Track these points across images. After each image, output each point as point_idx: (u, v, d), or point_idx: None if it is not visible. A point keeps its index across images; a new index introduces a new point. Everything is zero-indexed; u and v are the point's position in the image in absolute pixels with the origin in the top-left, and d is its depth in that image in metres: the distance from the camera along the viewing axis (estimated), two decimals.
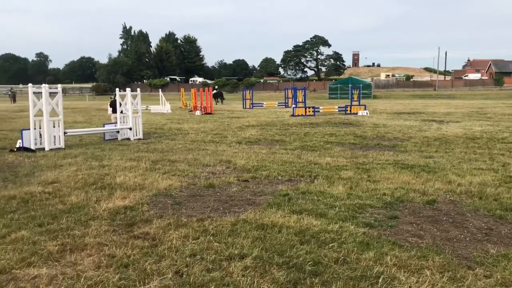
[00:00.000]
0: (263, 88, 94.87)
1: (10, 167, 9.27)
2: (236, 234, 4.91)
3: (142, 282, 3.76)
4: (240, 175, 8.21)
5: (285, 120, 21.74)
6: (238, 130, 16.88)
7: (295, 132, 15.69)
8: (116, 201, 6.33)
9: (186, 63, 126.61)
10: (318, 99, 58.34)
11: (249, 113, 28.41)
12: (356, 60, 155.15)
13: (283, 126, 18.39)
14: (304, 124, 18.90)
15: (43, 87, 12.24)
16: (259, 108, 35.25)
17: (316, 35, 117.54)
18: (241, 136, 14.57)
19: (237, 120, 21.83)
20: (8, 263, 4.17)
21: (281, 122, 20.18)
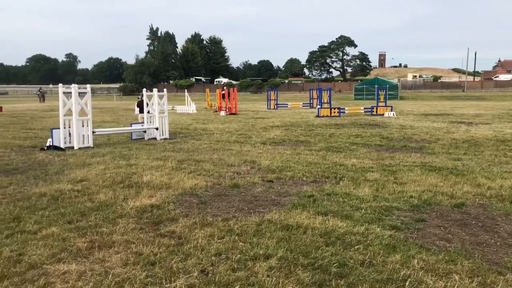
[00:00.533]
0: (287, 88, 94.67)
1: (40, 165, 9.51)
2: (261, 234, 4.92)
3: (168, 280, 3.81)
4: (265, 175, 8.22)
5: (310, 121, 21.65)
6: (262, 130, 16.90)
7: (320, 133, 15.61)
8: (143, 199, 6.42)
9: (211, 64, 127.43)
10: (344, 100, 57.84)
11: (274, 113, 28.40)
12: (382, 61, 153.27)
13: (308, 127, 18.32)
14: (329, 125, 18.78)
15: (72, 87, 12.52)
16: (283, 109, 35.19)
17: (342, 36, 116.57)
18: (266, 137, 14.58)
19: (262, 121, 21.85)
20: (39, 259, 4.29)
21: (305, 123, 20.11)
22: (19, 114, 28.56)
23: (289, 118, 23.79)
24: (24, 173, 8.64)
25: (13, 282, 3.80)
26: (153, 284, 3.74)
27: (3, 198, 6.62)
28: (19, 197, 6.68)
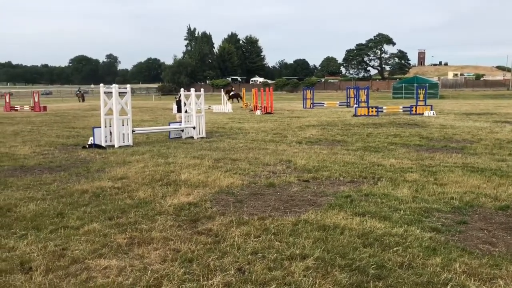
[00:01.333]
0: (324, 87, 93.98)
1: (82, 163, 9.82)
2: (297, 234, 4.90)
3: (205, 277, 3.85)
4: (301, 175, 8.18)
5: (346, 120, 21.39)
6: (298, 129, 16.83)
7: (357, 133, 15.40)
8: (181, 197, 6.52)
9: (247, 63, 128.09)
10: (382, 98, 56.83)
11: (310, 112, 28.23)
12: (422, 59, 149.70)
13: (344, 126, 18.11)
14: (367, 125, 18.49)
15: (113, 87, 12.86)
16: (319, 108, 34.92)
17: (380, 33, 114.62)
18: (302, 136, 14.51)
19: (298, 120, 21.76)
20: (81, 254, 4.42)
21: (342, 122, 19.88)
22: (62, 114, 29.60)
23: (325, 117, 23.59)
24: (67, 170, 8.95)
25: (57, 275, 3.94)
26: (191, 281, 3.79)
27: (47, 194, 6.87)
28: (62, 193, 6.92)
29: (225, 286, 3.71)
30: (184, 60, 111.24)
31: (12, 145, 12.87)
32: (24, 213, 5.82)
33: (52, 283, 3.78)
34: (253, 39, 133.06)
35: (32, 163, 9.76)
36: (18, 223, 5.41)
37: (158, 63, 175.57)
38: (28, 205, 6.15)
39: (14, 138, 14.86)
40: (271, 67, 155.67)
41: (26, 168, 9.22)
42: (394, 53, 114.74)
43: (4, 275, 3.95)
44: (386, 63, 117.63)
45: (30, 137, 14.98)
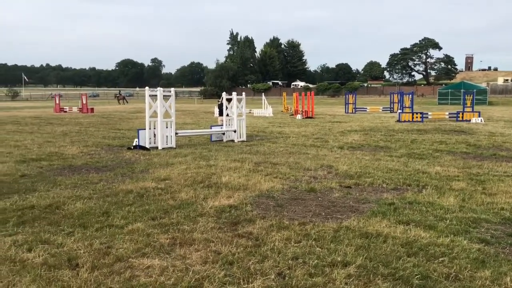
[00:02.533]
0: (366, 92, 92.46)
1: (127, 164, 10.09)
2: (339, 241, 4.83)
3: (246, 280, 3.85)
4: (342, 181, 8.07)
5: (390, 125, 20.95)
6: (340, 135, 16.62)
7: (401, 139, 15.04)
8: (222, 199, 6.58)
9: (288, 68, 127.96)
10: (427, 104, 55.29)
11: (352, 117, 27.84)
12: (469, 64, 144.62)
13: (388, 132, 17.74)
14: (411, 131, 18.04)
15: (158, 90, 13.15)
16: (362, 113, 34.38)
17: (425, 38, 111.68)
18: (343, 141, 14.33)
19: (339, 125, 21.50)
20: (125, 252, 4.53)
21: (385, 128, 19.48)
22: (108, 115, 30.55)
23: (368, 122, 23.19)
24: (112, 170, 9.21)
25: (102, 273, 4.05)
26: (231, 284, 3.80)
27: (94, 193, 7.10)
28: (108, 193, 7.13)
29: None
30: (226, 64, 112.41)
31: (61, 145, 13.40)
32: (72, 211, 6.04)
33: (97, 280, 3.89)
34: (295, 43, 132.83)
35: (79, 163, 10.12)
36: (66, 221, 5.61)
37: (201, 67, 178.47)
38: (75, 204, 6.38)
39: (63, 138, 15.47)
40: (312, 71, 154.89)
41: (74, 168, 9.57)
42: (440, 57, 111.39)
43: (53, 270, 4.10)
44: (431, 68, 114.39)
45: (78, 138, 15.55)
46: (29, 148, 12.60)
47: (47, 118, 26.75)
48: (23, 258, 4.39)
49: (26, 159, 10.50)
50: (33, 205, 6.30)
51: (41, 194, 7.01)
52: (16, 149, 12.48)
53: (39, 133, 17.48)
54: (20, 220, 5.62)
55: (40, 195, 6.90)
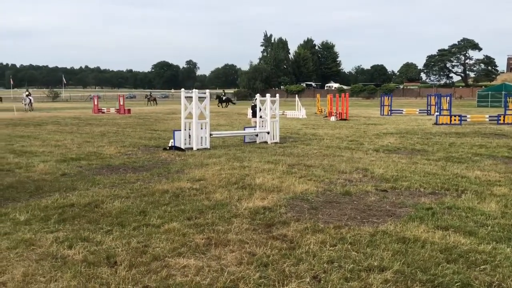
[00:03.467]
0: (402, 94, 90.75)
1: (163, 164, 10.26)
2: (375, 245, 4.75)
3: (281, 283, 3.84)
4: (378, 184, 7.94)
5: (427, 128, 20.46)
6: (375, 137, 16.36)
7: (438, 142, 14.66)
8: (256, 201, 6.59)
9: (322, 69, 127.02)
10: (465, 107, 53.71)
11: (387, 120, 27.35)
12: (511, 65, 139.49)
13: (425, 134, 17.33)
14: (449, 134, 17.56)
15: (193, 92, 13.32)
16: (398, 115, 33.72)
17: (464, 38, 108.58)
18: (379, 144, 14.09)
19: (374, 127, 21.17)
20: (162, 251, 4.61)
21: (422, 131, 19.04)
22: (144, 116, 31.15)
23: (404, 125, 22.73)
24: (149, 170, 9.39)
25: (140, 271, 4.13)
26: (266, 286, 3.80)
27: (131, 192, 7.25)
28: (144, 192, 7.27)
29: None
30: (259, 66, 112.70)
31: (100, 145, 13.76)
32: (110, 209, 6.19)
33: (135, 278, 3.97)
34: (329, 45, 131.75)
35: (117, 163, 10.36)
36: (105, 219, 5.76)
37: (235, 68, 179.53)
38: (113, 202, 6.53)
39: (101, 138, 15.88)
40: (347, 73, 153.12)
41: (112, 167, 9.81)
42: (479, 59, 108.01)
43: (92, 267, 4.21)
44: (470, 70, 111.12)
45: (115, 138, 15.93)
46: (69, 148, 13.00)
47: (86, 119, 27.53)
48: (64, 254, 4.53)
49: (66, 159, 10.84)
50: (73, 203, 6.50)
51: (80, 192, 7.22)
52: (57, 148, 12.90)
53: (78, 133, 18.01)
54: (61, 218, 5.81)
55: (79, 194, 7.11)
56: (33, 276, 4.02)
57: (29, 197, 6.99)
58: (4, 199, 6.87)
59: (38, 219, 5.74)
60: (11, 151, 12.22)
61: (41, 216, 5.86)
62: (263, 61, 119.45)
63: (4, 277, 3.99)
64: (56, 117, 29.51)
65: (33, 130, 19.12)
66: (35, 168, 9.46)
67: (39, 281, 3.91)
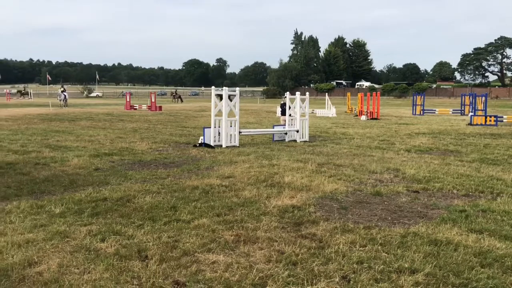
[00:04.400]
0: (435, 93, 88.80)
1: (193, 160, 10.37)
2: (406, 247, 4.67)
3: (310, 282, 3.83)
4: (410, 185, 7.80)
5: (460, 129, 19.96)
6: (407, 137, 16.07)
7: (472, 143, 14.28)
8: (285, 199, 6.58)
9: (353, 67, 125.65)
10: (501, 107, 52.09)
11: (419, 119, 26.82)
12: None
13: (458, 135, 16.91)
14: (484, 135, 17.07)
15: (224, 90, 13.39)
16: (430, 115, 33.02)
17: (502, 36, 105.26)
18: (410, 144, 13.84)
19: (406, 127, 20.80)
20: (192, 247, 4.66)
21: (456, 131, 18.59)
22: (175, 113, 31.55)
23: (437, 125, 22.24)
24: (179, 166, 9.51)
25: (170, 265, 4.19)
26: (295, 284, 3.79)
27: (162, 188, 7.36)
28: (175, 188, 7.36)
29: None
30: (289, 64, 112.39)
31: (132, 141, 14.02)
32: (142, 204, 6.30)
33: (165, 272, 4.03)
34: (360, 43, 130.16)
35: (148, 158, 10.54)
36: (136, 213, 5.87)
37: (264, 67, 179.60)
38: (145, 197, 6.65)
39: (133, 134, 16.18)
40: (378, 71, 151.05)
41: (143, 163, 9.98)
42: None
43: (124, 260, 4.30)
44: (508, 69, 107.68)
45: (147, 134, 16.20)
46: (102, 143, 13.30)
47: (118, 115, 28.10)
48: (96, 247, 4.64)
49: (99, 154, 11.09)
50: (105, 198, 6.65)
51: (113, 187, 7.38)
52: (90, 143, 13.22)
53: (111, 129, 18.40)
54: (94, 211, 5.95)
55: (112, 188, 7.27)
56: (68, 267, 4.14)
57: (64, 191, 7.20)
58: (40, 192, 7.10)
59: (72, 212, 5.90)
60: (47, 146, 12.59)
61: (75, 209, 6.02)
62: (293, 59, 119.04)
63: (41, 267, 4.13)
64: (90, 113, 30.23)
65: (68, 126, 19.66)
66: (69, 163, 9.73)
67: (73, 272, 4.02)
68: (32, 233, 5.06)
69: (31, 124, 20.04)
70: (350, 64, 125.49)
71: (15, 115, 26.32)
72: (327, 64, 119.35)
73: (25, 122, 21.43)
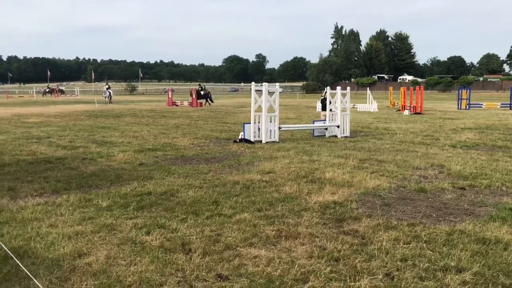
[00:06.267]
0: (482, 87, 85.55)
1: (234, 156, 10.47)
2: (452, 245, 4.55)
3: (352, 278, 3.80)
4: (456, 181, 7.57)
5: (509, 123, 19.13)
6: (452, 132, 15.57)
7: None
8: (326, 195, 6.54)
9: (395, 61, 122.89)
10: None
11: (465, 114, 25.92)
12: None
13: (507, 130, 16.22)
14: None
15: (263, 86, 13.42)
16: (477, 109, 31.84)
17: None
18: (456, 139, 13.41)
19: (451, 122, 20.15)
20: (234, 241, 4.72)
21: (504, 126, 17.84)
22: (215, 109, 31.89)
23: (484, 119, 21.42)
24: (220, 162, 9.63)
25: (213, 259, 4.26)
26: (338, 280, 3.77)
27: (204, 183, 7.48)
28: (216, 183, 7.46)
29: None
30: (329, 59, 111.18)
31: (174, 136, 14.30)
32: (184, 198, 6.43)
33: (208, 266, 4.10)
34: (403, 36, 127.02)
35: (190, 154, 10.72)
36: (180, 207, 5.99)
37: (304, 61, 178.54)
38: (188, 192, 6.78)
39: (175, 130, 16.49)
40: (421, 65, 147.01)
41: (185, 158, 10.17)
42: None
43: (169, 253, 4.41)
44: None
45: (188, 130, 16.47)
46: (145, 139, 13.64)
47: (161, 111, 28.69)
48: (142, 240, 4.78)
49: (144, 149, 11.38)
50: (150, 192, 6.82)
51: (157, 181, 7.57)
52: (135, 139, 13.58)
53: (154, 125, 18.83)
54: (139, 205, 6.12)
55: (156, 183, 7.45)
56: (115, 259, 4.28)
57: (110, 185, 7.44)
58: (88, 186, 7.37)
59: (118, 206, 6.10)
60: (93, 141, 13.04)
61: (121, 203, 6.22)
62: (333, 53, 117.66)
63: (90, 258, 4.29)
64: (134, 109, 31.03)
65: (113, 122, 20.27)
66: (115, 158, 10.04)
67: (120, 264, 4.16)
68: (81, 225, 5.27)
69: (78, 121, 20.80)
70: (392, 58, 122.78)
71: (63, 112, 27.39)
72: (368, 58, 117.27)
73: (72, 118, 22.26)
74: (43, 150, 11.37)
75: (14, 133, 15.39)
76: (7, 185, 7.33)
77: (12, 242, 4.70)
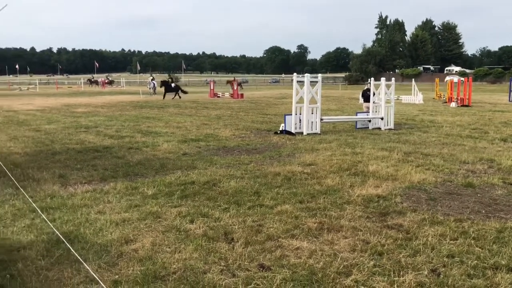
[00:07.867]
0: None
1: (275, 147, 10.47)
2: (503, 242, 4.38)
3: (396, 273, 3.73)
4: (506, 177, 7.26)
5: None
6: (502, 125, 14.92)
7: None
8: (369, 189, 6.44)
9: (442, 52, 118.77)
10: None
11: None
12: None
13: None
14: None
15: (305, 77, 13.32)
16: None
17: None
18: (507, 133, 12.84)
19: (501, 114, 19.30)
20: (275, 232, 4.74)
21: None
22: (256, 101, 31.96)
23: None
24: (261, 153, 9.66)
25: (255, 249, 4.30)
26: (381, 275, 3.72)
27: (245, 173, 7.54)
28: (258, 174, 7.50)
29: (417, 286, 3.54)
30: (373, 49, 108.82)
31: (216, 127, 14.45)
32: (227, 188, 6.50)
33: (250, 255, 4.14)
34: (450, 25, 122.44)
35: (232, 145, 10.82)
36: (222, 197, 6.07)
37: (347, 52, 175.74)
38: (229, 182, 6.85)
39: (217, 121, 16.66)
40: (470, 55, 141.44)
41: (227, 149, 10.27)
42: None
43: (212, 242, 4.48)
44: None
45: (230, 121, 16.60)
46: (188, 129, 13.86)
47: (203, 103, 29.06)
48: (186, 228, 4.88)
49: (187, 139, 11.58)
50: (193, 181, 6.94)
51: (200, 171, 7.69)
52: (178, 129, 13.83)
53: (196, 116, 19.09)
54: (183, 194, 6.25)
55: (199, 172, 7.57)
56: (160, 246, 4.40)
57: (155, 174, 7.62)
58: (134, 175, 7.58)
59: (163, 194, 6.25)
60: (139, 131, 13.39)
61: (166, 192, 6.36)
62: (377, 43, 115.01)
63: (136, 244, 4.43)
64: (176, 100, 31.54)
65: (157, 112, 20.70)
66: (159, 147, 10.27)
67: (165, 251, 4.27)
68: (127, 212, 5.44)
69: (124, 111, 21.39)
70: (439, 48, 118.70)
71: (109, 102, 28.23)
72: (413, 49, 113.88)
73: (118, 109, 22.91)
74: (91, 139, 11.78)
75: (64, 123, 16.02)
76: (58, 173, 7.65)
77: (63, 227, 4.91)
